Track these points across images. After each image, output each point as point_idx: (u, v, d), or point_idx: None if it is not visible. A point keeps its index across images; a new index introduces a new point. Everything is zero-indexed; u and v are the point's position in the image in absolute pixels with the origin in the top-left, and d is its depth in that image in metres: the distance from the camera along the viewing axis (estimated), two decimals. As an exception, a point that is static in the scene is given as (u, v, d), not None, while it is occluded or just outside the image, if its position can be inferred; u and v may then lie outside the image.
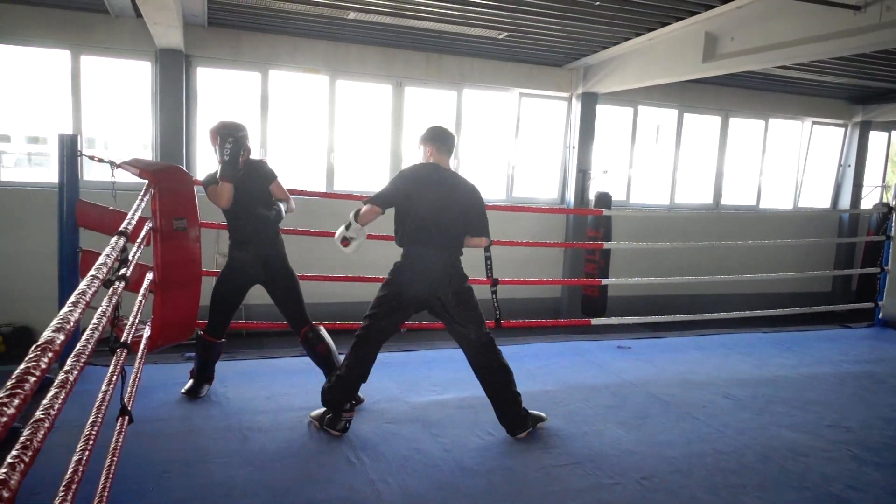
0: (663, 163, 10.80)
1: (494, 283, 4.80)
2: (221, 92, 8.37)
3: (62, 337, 1.37)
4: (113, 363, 2.45)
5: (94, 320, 1.98)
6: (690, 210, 11.10)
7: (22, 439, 1.16)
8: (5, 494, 0.98)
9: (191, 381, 3.79)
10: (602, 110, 9.90)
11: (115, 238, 2.23)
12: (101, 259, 2.09)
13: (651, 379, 4.41)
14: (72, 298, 1.65)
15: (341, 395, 3.31)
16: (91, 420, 2.19)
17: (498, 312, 4.80)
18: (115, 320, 2.42)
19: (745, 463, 3.21)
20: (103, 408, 2.28)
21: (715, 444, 3.40)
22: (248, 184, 3.62)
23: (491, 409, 3.59)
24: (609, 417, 3.70)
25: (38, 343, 1.33)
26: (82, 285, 1.81)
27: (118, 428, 2.59)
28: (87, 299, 1.75)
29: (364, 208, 3.33)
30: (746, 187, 11.50)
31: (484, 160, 9.75)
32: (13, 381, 1.14)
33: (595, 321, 5.21)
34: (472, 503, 2.71)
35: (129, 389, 2.93)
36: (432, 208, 3.28)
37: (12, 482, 1.02)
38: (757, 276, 6.96)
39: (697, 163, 11.05)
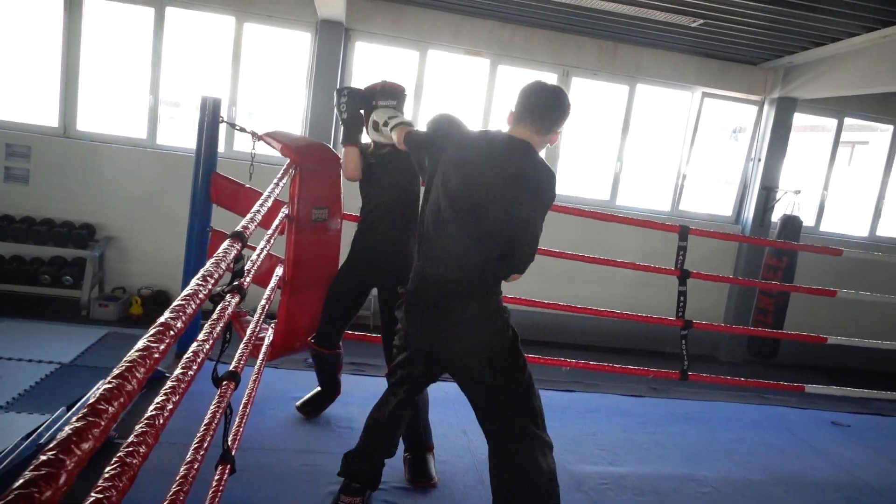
0: (865, 186, 9.07)
1: (687, 325, 3.86)
2: (376, 71, 7.91)
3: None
4: (217, 397, 1.86)
5: (195, 346, 1.39)
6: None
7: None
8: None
9: (310, 394, 3.22)
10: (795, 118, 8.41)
11: (226, 242, 1.59)
12: (208, 265, 1.47)
13: (896, 482, 3.27)
14: (167, 314, 1.13)
15: None
16: (188, 461, 1.64)
17: (686, 362, 3.86)
18: (225, 342, 1.80)
19: None
20: (201, 451, 1.71)
21: None
22: (390, 155, 2.90)
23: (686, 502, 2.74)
24: (852, 542, 2.67)
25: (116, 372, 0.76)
26: (182, 297, 1.26)
27: (217, 476, 2.01)
28: (189, 314, 1.19)
29: None
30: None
31: (650, 166, 8.63)
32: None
33: (809, 388, 4.04)
34: None
35: (237, 419, 2.36)
36: None
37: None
38: None
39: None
